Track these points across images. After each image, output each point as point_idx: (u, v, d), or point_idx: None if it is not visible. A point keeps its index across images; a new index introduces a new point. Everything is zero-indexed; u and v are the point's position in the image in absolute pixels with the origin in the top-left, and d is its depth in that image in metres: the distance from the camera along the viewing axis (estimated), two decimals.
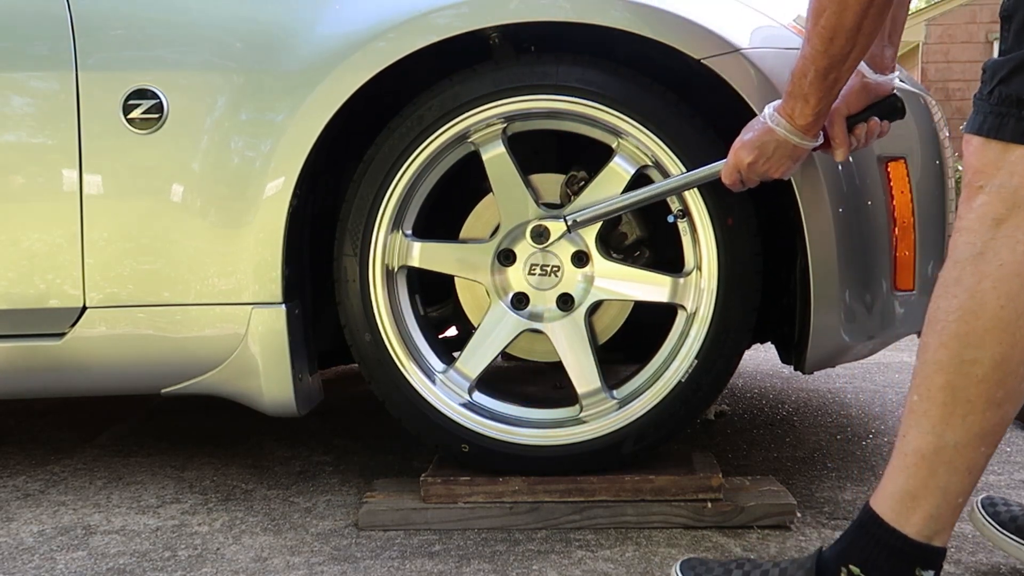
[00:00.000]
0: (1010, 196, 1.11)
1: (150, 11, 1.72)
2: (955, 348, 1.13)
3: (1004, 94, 1.13)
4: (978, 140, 1.16)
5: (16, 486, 1.97)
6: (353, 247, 1.69)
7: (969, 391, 1.12)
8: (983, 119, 1.15)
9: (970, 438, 1.13)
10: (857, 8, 1.26)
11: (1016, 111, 1.11)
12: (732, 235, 1.63)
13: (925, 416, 1.15)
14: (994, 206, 1.12)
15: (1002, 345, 1.10)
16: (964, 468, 1.14)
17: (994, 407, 1.12)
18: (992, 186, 1.12)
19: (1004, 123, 1.12)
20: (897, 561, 1.16)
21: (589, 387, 1.70)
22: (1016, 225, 1.11)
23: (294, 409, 1.71)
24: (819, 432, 2.34)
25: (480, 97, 1.63)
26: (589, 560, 1.50)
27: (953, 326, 1.13)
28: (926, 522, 1.15)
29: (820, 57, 1.32)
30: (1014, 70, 1.12)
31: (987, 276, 1.11)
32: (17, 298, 1.71)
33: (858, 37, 1.30)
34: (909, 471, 1.16)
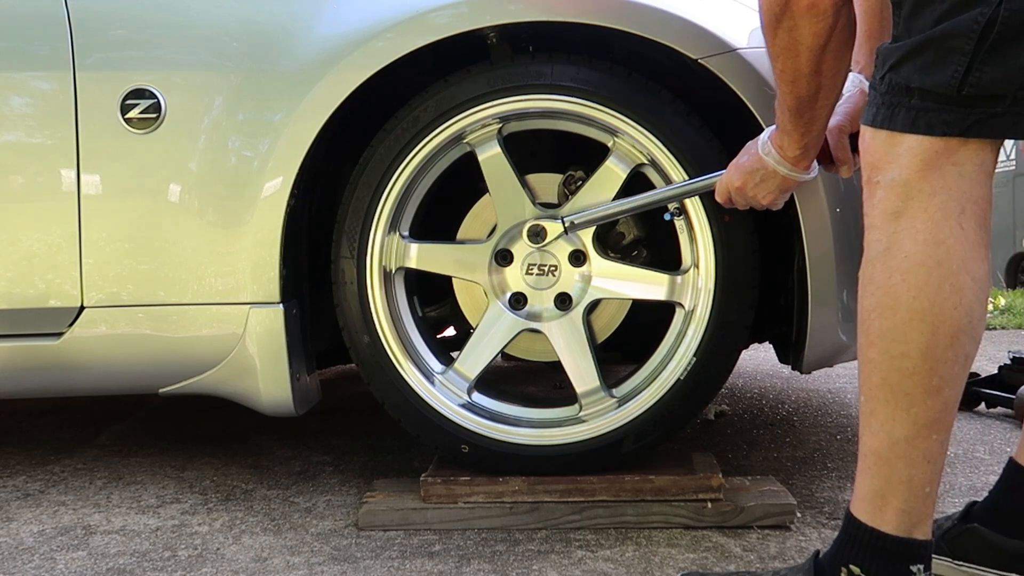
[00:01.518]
0: (903, 189, 1.12)
1: (148, 11, 1.73)
2: (882, 345, 1.14)
3: (894, 82, 1.12)
4: (870, 132, 1.16)
5: (16, 486, 1.97)
6: (350, 249, 1.69)
7: (905, 384, 1.12)
8: (875, 110, 1.15)
9: (918, 429, 1.13)
10: (809, 54, 1.27)
11: (906, 100, 1.11)
12: (729, 233, 1.63)
13: (872, 416, 1.16)
14: (891, 201, 1.13)
15: (923, 335, 1.11)
16: (922, 458, 1.14)
17: (933, 395, 1.12)
18: (886, 181, 1.13)
19: (895, 113, 1.12)
20: (884, 560, 1.16)
21: (588, 386, 1.70)
22: (913, 216, 1.11)
23: (292, 409, 1.71)
24: (819, 432, 2.34)
25: (475, 97, 1.63)
26: (589, 560, 1.50)
27: (876, 324, 1.14)
28: (900, 517, 1.16)
29: (787, 98, 1.33)
30: (903, 58, 1.11)
31: (895, 270, 1.12)
32: (15, 298, 1.71)
33: (820, 79, 1.31)
34: (872, 471, 1.17)
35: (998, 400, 2.56)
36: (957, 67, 1.07)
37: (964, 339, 1.12)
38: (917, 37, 1.10)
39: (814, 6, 1.23)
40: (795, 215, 1.59)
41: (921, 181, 1.11)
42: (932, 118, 1.10)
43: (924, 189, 1.11)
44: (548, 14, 1.59)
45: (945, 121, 1.09)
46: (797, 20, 1.25)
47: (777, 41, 1.28)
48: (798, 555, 1.51)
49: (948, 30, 1.07)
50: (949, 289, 1.11)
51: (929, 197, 1.11)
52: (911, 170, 1.11)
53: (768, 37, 1.30)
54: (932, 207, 1.11)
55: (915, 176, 1.11)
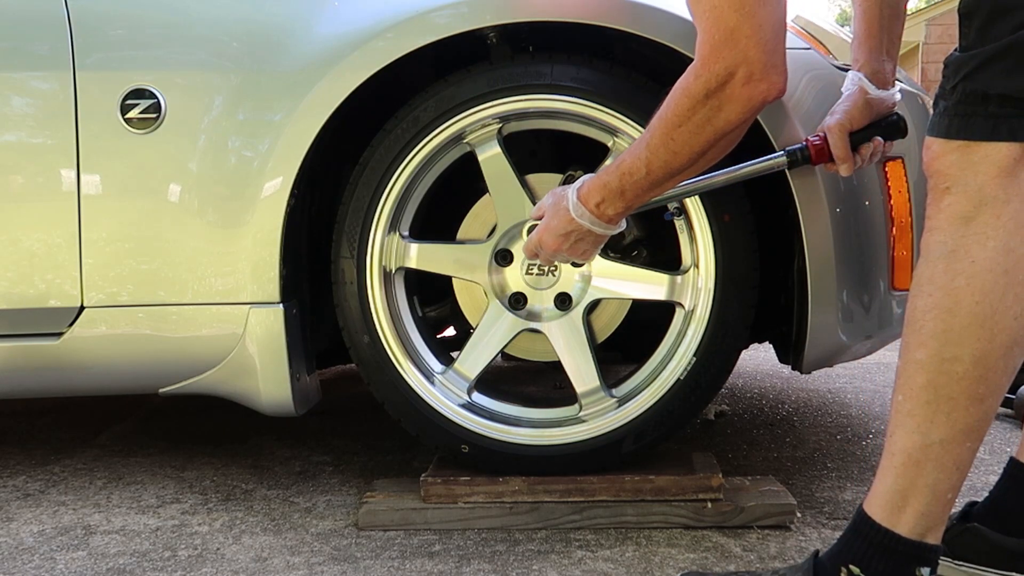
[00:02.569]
0: (976, 194, 1.11)
1: (148, 11, 1.72)
2: (934, 347, 1.13)
3: (968, 90, 1.12)
4: (939, 143, 1.15)
5: (16, 486, 1.97)
6: (350, 249, 1.69)
7: (951, 388, 1.12)
8: (948, 121, 1.14)
9: (955, 435, 1.13)
10: (712, 137, 1.29)
11: (982, 108, 1.11)
12: (729, 233, 1.63)
13: (910, 416, 1.15)
14: (962, 205, 1.12)
15: (980, 341, 1.11)
16: (952, 465, 1.14)
17: (977, 402, 1.12)
18: (958, 186, 1.13)
19: (971, 122, 1.12)
20: (892, 561, 1.16)
21: (588, 386, 1.70)
22: (985, 222, 1.11)
23: (292, 409, 1.71)
24: (819, 432, 2.34)
25: (475, 97, 1.63)
26: (589, 560, 1.50)
27: (931, 325, 1.13)
28: (917, 520, 1.16)
29: (658, 167, 1.34)
30: (980, 66, 1.11)
31: (960, 273, 1.12)
32: (15, 298, 1.71)
33: (699, 161, 1.33)
34: (898, 471, 1.16)
35: None
36: None
37: (1017, 351, 1.12)
38: (995, 44, 1.10)
39: (750, 99, 1.25)
40: (795, 215, 1.59)
41: (997, 188, 1.11)
42: (1014, 124, 1.10)
43: (999, 196, 1.11)
44: (548, 14, 1.59)
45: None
46: (725, 103, 1.25)
47: (687, 114, 1.28)
48: (798, 555, 1.51)
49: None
50: (1013, 298, 1.10)
51: (1004, 204, 1.11)
52: (987, 176, 1.11)
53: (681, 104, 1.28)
54: (1006, 215, 1.11)
55: (991, 182, 1.11)
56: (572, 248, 1.49)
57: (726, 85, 1.24)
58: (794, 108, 1.57)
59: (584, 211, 1.43)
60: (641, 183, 1.37)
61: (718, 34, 1.23)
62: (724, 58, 1.23)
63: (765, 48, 1.23)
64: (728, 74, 1.23)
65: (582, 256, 1.51)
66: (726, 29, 1.22)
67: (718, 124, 1.27)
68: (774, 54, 1.24)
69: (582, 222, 1.44)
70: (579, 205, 1.43)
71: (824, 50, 1.72)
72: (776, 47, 1.24)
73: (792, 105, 1.58)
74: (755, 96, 1.25)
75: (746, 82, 1.23)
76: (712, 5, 1.23)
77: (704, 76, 1.25)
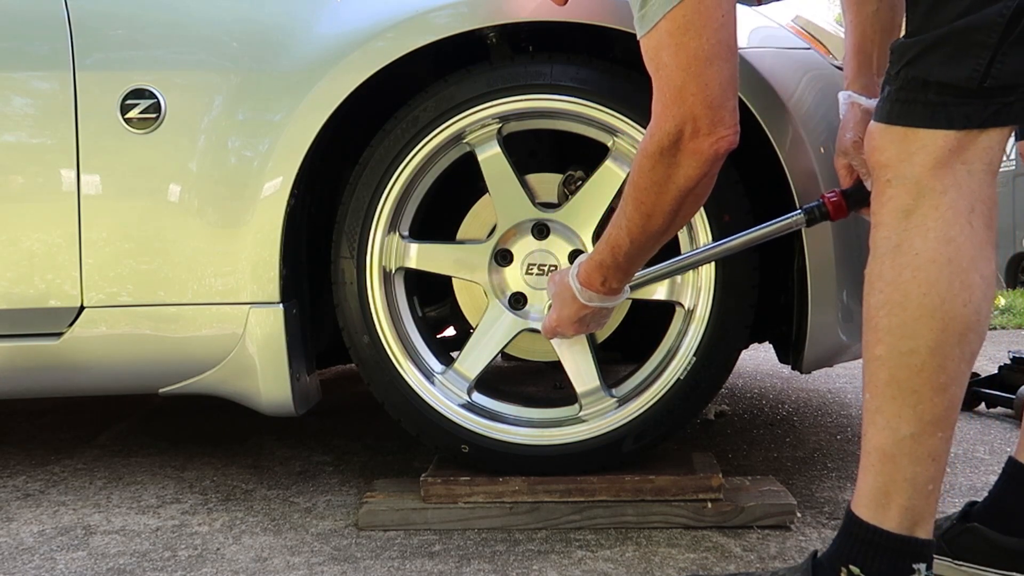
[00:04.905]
0: (914, 187, 1.12)
1: (148, 11, 1.73)
2: (890, 342, 1.14)
3: (910, 76, 1.13)
4: (880, 130, 1.16)
5: (16, 486, 1.97)
6: (350, 249, 1.69)
7: (913, 381, 1.13)
8: (889, 107, 1.15)
9: (924, 426, 1.13)
10: (676, 193, 1.30)
11: (922, 95, 1.12)
12: (729, 232, 1.62)
13: (878, 413, 1.16)
14: (902, 199, 1.13)
15: (933, 332, 1.12)
16: (926, 456, 1.14)
17: (940, 392, 1.13)
18: (898, 179, 1.14)
19: (912, 109, 1.13)
20: (886, 557, 1.16)
21: (588, 386, 1.70)
22: (924, 214, 1.12)
23: (292, 409, 1.71)
24: (819, 432, 2.34)
25: (475, 97, 1.63)
26: (589, 560, 1.50)
27: (884, 321, 1.15)
28: (903, 515, 1.16)
29: (638, 233, 1.36)
30: (922, 52, 1.12)
31: (906, 267, 1.13)
32: (15, 298, 1.71)
33: (674, 219, 1.35)
34: (876, 468, 1.17)
35: (998, 400, 2.56)
36: (980, 60, 1.08)
37: (972, 336, 1.13)
38: (937, 31, 1.10)
39: (699, 152, 1.26)
40: None
41: (933, 179, 1.12)
42: (952, 112, 1.10)
43: (936, 187, 1.12)
44: (547, 14, 1.59)
45: (965, 115, 1.10)
46: (680, 159, 1.27)
47: (650, 174, 1.30)
48: (798, 555, 1.51)
49: (972, 24, 1.08)
50: (959, 286, 1.11)
51: (940, 195, 1.12)
52: (923, 168, 1.12)
53: (642, 165, 1.31)
54: (943, 205, 1.12)
55: (927, 174, 1.12)
56: (591, 325, 1.57)
57: (678, 142, 1.26)
58: (794, 108, 1.57)
59: (591, 294, 1.49)
60: (630, 252, 1.41)
61: (668, 93, 1.26)
62: (673, 116, 1.25)
63: (711, 105, 1.24)
64: (677, 132, 1.25)
65: (600, 324, 1.58)
66: (674, 88, 1.24)
67: (679, 181, 1.29)
68: (721, 109, 1.25)
69: (593, 304, 1.50)
70: (585, 291, 1.48)
71: (824, 50, 1.72)
72: (724, 102, 1.26)
73: (792, 105, 1.58)
74: (705, 150, 1.26)
75: (693, 137, 1.25)
76: (662, 64, 1.25)
77: (657, 135, 1.28)
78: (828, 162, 1.57)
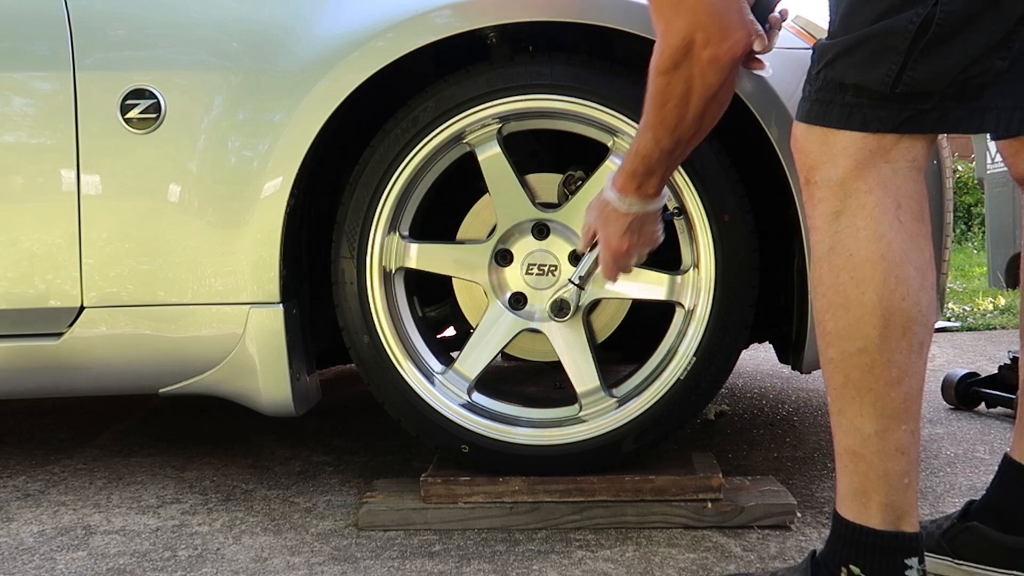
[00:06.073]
0: (840, 189, 1.13)
1: (148, 11, 1.73)
2: (839, 344, 1.15)
3: (828, 77, 1.14)
4: (802, 129, 1.17)
5: (16, 486, 1.97)
6: (350, 249, 1.69)
7: (867, 379, 1.14)
8: (809, 106, 1.16)
9: (887, 421, 1.14)
10: (699, 102, 1.30)
11: (839, 96, 1.12)
12: (729, 232, 1.63)
13: (842, 414, 1.17)
14: (830, 201, 1.14)
15: (876, 328, 1.12)
16: (894, 450, 1.15)
17: (895, 386, 1.13)
18: (823, 181, 1.15)
19: (828, 110, 1.14)
20: (877, 555, 1.17)
21: (588, 386, 1.70)
22: (852, 214, 1.13)
23: (292, 409, 1.71)
24: (819, 432, 2.34)
25: (475, 97, 1.63)
26: (589, 560, 1.50)
27: (830, 324, 1.16)
28: (885, 511, 1.16)
29: (666, 142, 1.36)
30: (839, 54, 1.13)
31: (842, 269, 1.14)
32: (15, 298, 1.71)
33: (700, 124, 1.35)
34: (849, 469, 1.18)
35: (998, 400, 2.56)
36: (892, 65, 1.09)
37: (916, 327, 1.13)
38: (854, 34, 1.12)
39: (716, 60, 1.26)
40: (795, 214, 1.59)
41: (857, 180, 1.13)
42: (867, 114, 1.11)
43: (860, 187, 1.13)
44: (548, 14, 1.59)
45: (879, 118, 1.11)
46: (695, 71, 1.27)
47: (667, 91, 1.30)
48: (798, 555, 1.51)
49: (886, 28, 1.09)
50: (895, 281, 1.12)
51: (866, 195, 1.13)
52: (846, 169, 1.13)
53: (658, 83, 1.31)
54: (870, 204, 1.13)
55: (851, 175, 1.13)
56: (639, 237, 1.50)
57: (690, 53, 1.25)
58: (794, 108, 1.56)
59: (630, 200, 1.45)
60: (661, 158, 1.39)
61: (668, 8, 1.26)
62: (678, 30, 1.25)
63: (715, 11, 1.24)
64: (686, 44, 1.25)
65: (652, 238, 1.52)
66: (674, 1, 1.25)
67: (699, 90, 1.29)
68: (727, 13, 1.25)
69: (633, 209, 1.46)
70: (623, 197, 1.45)
71: None
72: (728, 6, 1.25)
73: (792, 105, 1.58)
74: (721, 56, 1.26)
75: (706, 45, 1.25)
76: None
77: (666, 52, 1.27)
78: None
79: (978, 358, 3.52)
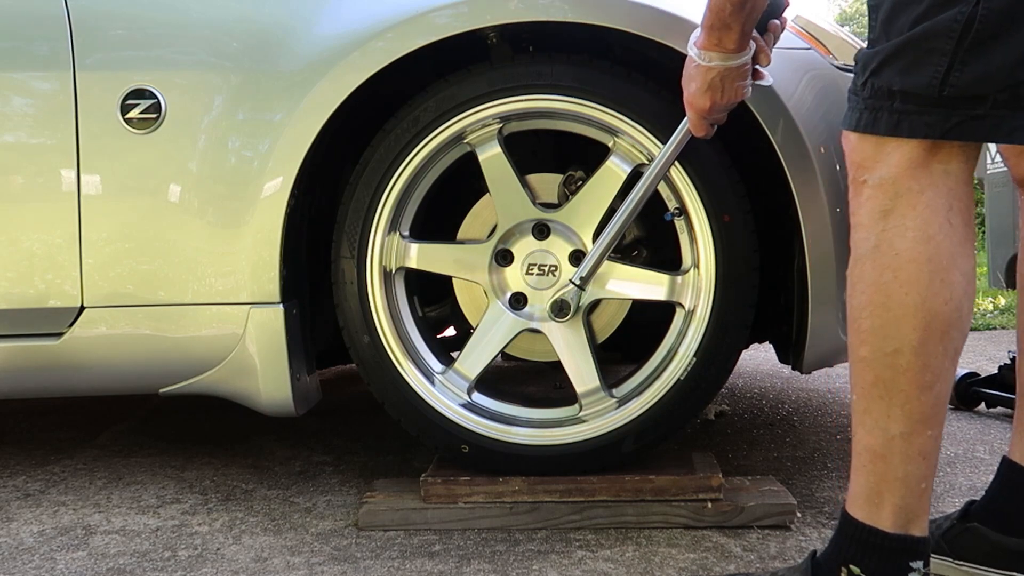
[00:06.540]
0: (891, 187, 1.13)
1: (148, 11, 1.73)
2: (874, 343, 1.14)
3: (876, 86, 1.14)
4: (855, 137, 1.17)
5: (16, 486, 1.97)
6: (351, 249, 1.69)
7: (899, 381, 1.13)
8: (858, 115, 1.16)
9: (913, 425, 1.14)
10: None
11: (888, 103, 1.12)
12: (729, 233, 1.63)
13: (867, 413, 1.16)
14: (879, 199, 1.14)
15: (916, 331, 1.12)
16: (917, 455, 1.15)
17: (926, 390, 1.13)
18: (874, 179, 1.14)
19: (878, 117, 1.13)
20: (883, 557, 1.17)
21: (588, 386, 1.70)
22: (902, 214, 1.12)
23: (292, 409, 1.71)
24: (819, 432, 2.34)
25: (476, 97, 1.63)
26: (589, 560, 1.50)
27: (868, 322, 1.15)
28: (897, 514, 1.16)
29: None
30: (883, 61, 1.12)
31: (887, 268, 1.13)
32: (15, 298, 1.71)
33: None
34: (867, 468, 1.17)
35: (998, 400, 2.56)
36: (937, 68, 1.08)
37: (954, 333, 1.13)
38: (896, 40, 1.11)
39: None
40: (795, 215, 1.59)
41: (909, 179, 1.12)
42: (914, 121, 1.11)
43: (912, 187, 1.12)
44: (548, 14, 1.59)
45: (927, 123, 1.10)
46: None
47: None
48: (798, 555, 1.51)
49: (927, 31, 1.08)
50: (940, 284, 1.12)
51: (918, 194, 1.12)
52: (899, 168, 1.13)
53: None
54: (921, 204, 1.12)
55: (903, 174, 1.13)
56: (724, 93, 1.46)
57: None
58: (795, 108, 1.57)
59: (711, 54, 1.42)
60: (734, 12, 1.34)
61: None
62: None
63: None
64: None
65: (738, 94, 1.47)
66: None
67: None
68: None
69: (715, 64, 1.42)
70: (704, 52, 1.43)
71: (824, 50, 1.72)
72: None
73: (792, 105, 1.58)
74: None
75: None
76: None
77: None
78: (829, 161, 1.57)
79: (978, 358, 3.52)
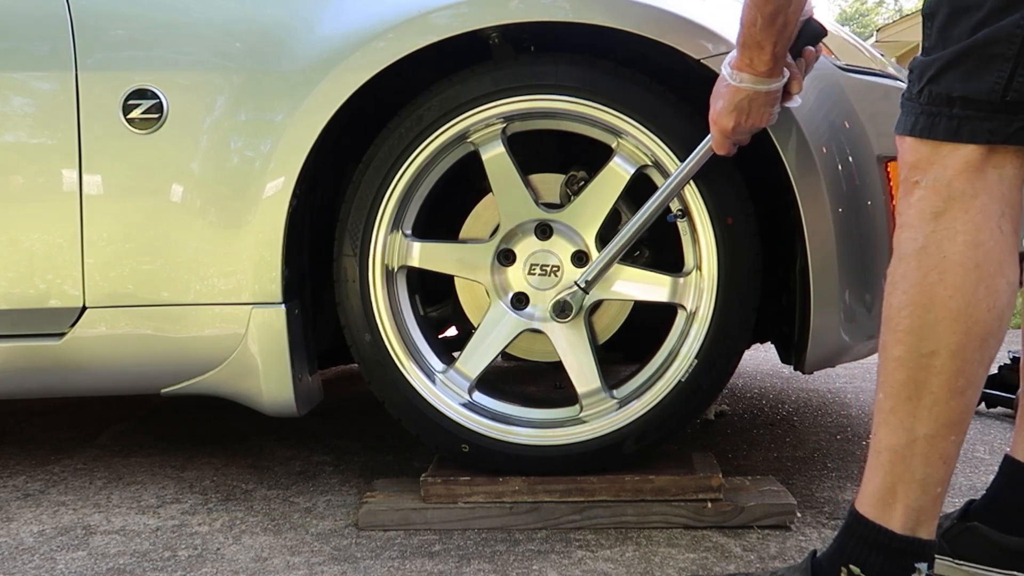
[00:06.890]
0: (945, 189, 1.13)
1: (150, 11, 1.72)
2: (911, 343, 1.14)
3: (934, 93, 1.14)
4: (911, 139, 1.17)
5: (16, 486, 1.97)
6: (353, 247, 1.69)
7: (931, 383, 1.13)
8: (915, 120, 1.16)
9: (938, 428, 1.14)
10: None
11: (947, 109, 1.12)
12: (732, 234, 1.63)
13: (893, 413, 1.16)
14: (931, 200, 1.14)
15: (956, 335, 1.12)
16: (938, 458, 1.15)
17: (957, 395, 1.13)
18: (927, 180, 1.14)
19: (936, 123, 1.13)
20: (888, 557, 1.17)
21: (589, 387, 1.70)
22: (954, 217, 1.12)
23: (294, 409, 1.71)
24: (819, 432, 2.34)
25: (479, 97, 1.63)
26: (589, 560, 1.50)
27: (906, 321, 1.14)
28: (908, 515, 1.16)
29: (765, 4, 1.33)
30: (942, 68, 1.13)
31: (932, 269, 1.13)
32: (17, 298, 1.71)
33: None
34: (885, 468, 1.17)
35: (998, 400, 2.56)
36: (1000, 74, 1.08)
37: (992, 342, 1.13)
38: (956, 47, 1.11)
39: None
40: (797, 216, 1.59)
41: (964, 182, 1.12)
42: (975, 126, 1.11)
43: (967, 191, 1.12)
44: (549, 14, 1.59)
45: (989, 129, 1.10)
46: None
47: None
48: (798, 555, 1.51)
49: (988, 37, 1.08)
50: (985, 291, 1.11)
51: (971, 198, 1.12)
52: (954, 171, 1.12)
53: None
54: (974, 209, 1.12)
55: (958, 177, 1.12)
56: (750, 116, 1.47)
57: None
58: (797, 109, 1.57)
59: (742, 75, 1.42)
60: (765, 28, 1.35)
61: None
62: None
63: None
64: None
65: (762, 119, 1.48)
66: None
67: None
68: None
69: (744, 86, 1.43)
70: (736, 72, 1.43)
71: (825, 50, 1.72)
72: None
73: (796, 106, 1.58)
74: None
75: None
76: None
77: None
78: (831, 162, 1.57)
79: None
